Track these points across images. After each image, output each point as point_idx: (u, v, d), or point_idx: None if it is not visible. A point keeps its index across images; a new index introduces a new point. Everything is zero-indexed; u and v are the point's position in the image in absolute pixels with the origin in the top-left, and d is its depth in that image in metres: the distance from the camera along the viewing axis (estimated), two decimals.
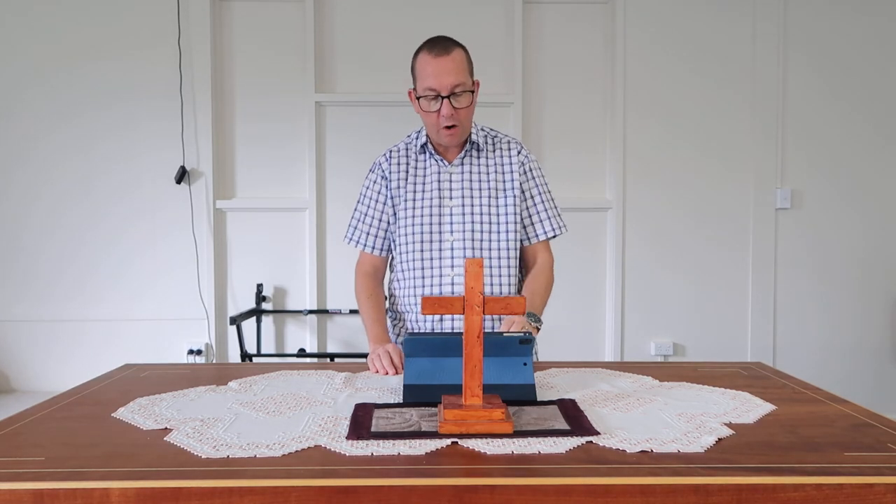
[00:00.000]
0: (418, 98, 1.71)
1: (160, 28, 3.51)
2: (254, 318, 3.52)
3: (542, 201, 1.81)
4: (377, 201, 1.82)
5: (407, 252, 1.76)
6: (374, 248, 1.83)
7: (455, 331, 1.73)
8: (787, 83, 3.60)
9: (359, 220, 1.84)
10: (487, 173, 1.78)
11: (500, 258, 1.75)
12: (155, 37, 3.52)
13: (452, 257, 1.73)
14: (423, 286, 1.75)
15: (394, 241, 1.81)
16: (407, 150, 1.83)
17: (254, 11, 3.56)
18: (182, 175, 3.49)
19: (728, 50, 3.60)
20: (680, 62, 3.60)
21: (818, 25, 3.60)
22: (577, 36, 3.62)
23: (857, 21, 3.61)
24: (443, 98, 1.65)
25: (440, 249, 1.74)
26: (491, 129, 1.86)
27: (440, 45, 1.68)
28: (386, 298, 3.63)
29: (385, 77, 3.57)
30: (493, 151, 1.80)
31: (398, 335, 1.84)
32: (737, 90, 3.61)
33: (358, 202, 1.86)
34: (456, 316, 1.70)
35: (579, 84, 3.63)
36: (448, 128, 1.68)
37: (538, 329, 1.66)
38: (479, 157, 1.79)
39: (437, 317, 1.72)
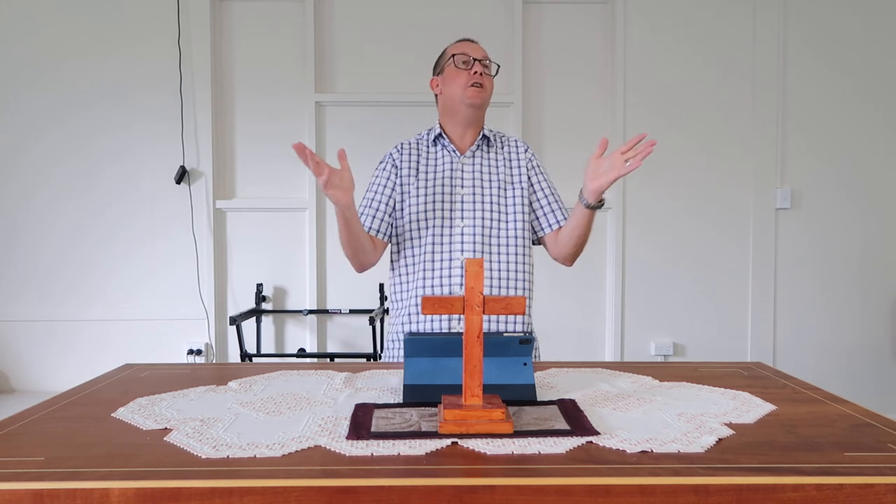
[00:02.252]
0: (451, 59, 1.82)
1: (160, 28, 3.51)
2: (254, 318, 3.52)
3: (553, 193, 1.91)
4: (385, 187, 1.86)
5: (418, 239, 1.80)
6: (378, 231, 1.84)
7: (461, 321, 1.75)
8: (787, 83, 3.61)
9: (365, 206, 1.88)
10: (497, 166, 1.86)
11: (507, 246, 1.80)
12: (155, 36, 3.52)
13: (462, 242, 1.78)
14: (433, 269, 1.78)
15: (401, 230, 1.83)
16: (418, 144, 1.90)
17: (254, 11, 3.56)
18: (182, 175, 3.50)
19: (728, 50, 3.60)
20: (680, 62, 3.60)
21: (818, 25, 3.60)
22: (577, 35, 3.62)
23: (858, 20, 3.61)
24: (476, 60, 1.81)
25: (450, 234, 1.78)
26: (498, 131, 1.95)
27: (473, 39, 1.89)
28: (385, 299, 3.63)
29: (385, 77, 3.57)
30: (502, 148, 1.90)
31: (403, 325, 1.83)
32: (737, 90, 3.61)
33: (367, 190, 1.90)
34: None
35: (579, 84, 3.63)
36: (475, 86, 1.79)
37: (601, 202, 1.75)
38: (489, 151, 1.87)
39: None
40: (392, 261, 1.88)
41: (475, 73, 1.78)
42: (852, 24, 3.61)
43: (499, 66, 1.87)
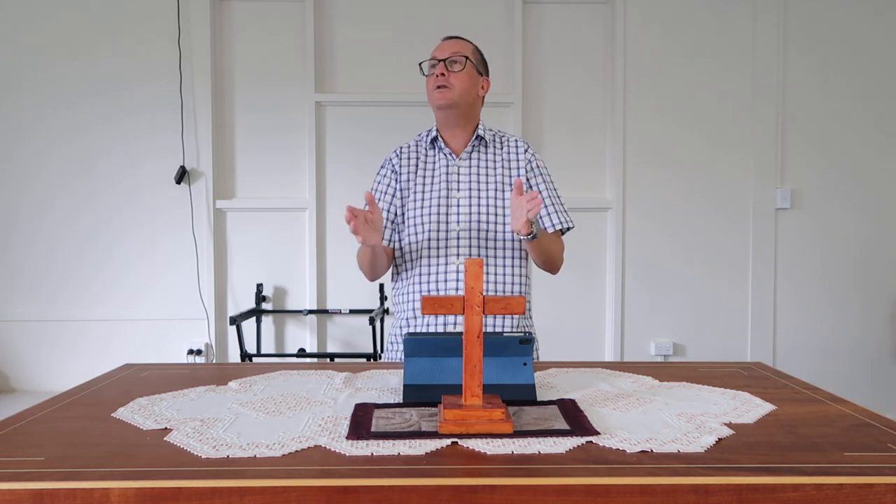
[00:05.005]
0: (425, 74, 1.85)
1: (160, 28, 3.51)
2: (254, 318, 3.52)
3: (549, 195, 1.86)
4: (386, 193, 1.86)
5: (415, 242, 1.80)
6: (381, 238, 1.84)
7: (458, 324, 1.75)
8: (787, 83, 3.60)
9: None
10: (494, 167, 1.84)
11: (503, 249, 1.80)
12: (155, 36, 3.52)
13: (458, 246, 1.78)
14: (429, 273, 1.78)
15: (401, 233, 1.84)
16: (417, 146, 1.90)
17: (254, 11, 3.56)
18: (182, 175, 3.50)
19: (728, 50, 3.60)
20: (680, 62, 3.60)
21: (818, 24, 3.60)
22: (577, 35, 3.62)
23: (858, 20, 3.61)
24: (439, 61, 1.79)
25: (446, 238, 1.78)
26: (499, 130, 1.93)
27: (452, 35, 1.89)
28: (385, 299, 3.62)
29: (385, 77, 3.57)
30: (501, 148, 1.87)
31: (402, 327, 1.84)
32: (737, 90, 3.61)
33: None
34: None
35: (579, 84, 3.63)
36: (439, 88, 1.78)
37: (533, 233, 1.63)
38: (485, 152, 1.86)
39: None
40: (395, 264, 1.89)
41: (436, 75, 1.78)
42: (852, 23, 3.61)
43: (469, 59, 1.79)
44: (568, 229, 1.87)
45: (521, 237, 1.68)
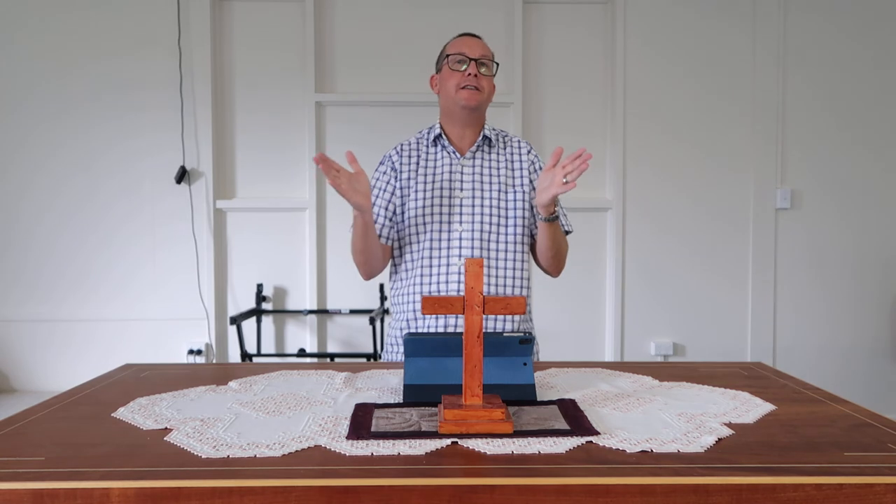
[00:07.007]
0: (446, 59, 1.79)
1: (160, 28, 3.51)
2: (254, 318, 3.52)
3: None
4: (385, 191, 1.84)
5: (416, 242, 1.78)
6: (379, 235, 1.83)
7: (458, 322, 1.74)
8: (786, 83, 3.61)
9: None
10: (498, 168, 1.82)
11: (506, 251, 1.78)
12: (155, 37, 3.52)
13: (460, 247, 1.76)
14: (430, 274, 1.76)
15: (400, 232, 1.82)
16: (418, 144, 1.87)
17: (254, 11, 3.57)
18: (182, 175, 3.50)
19: (728, 50, 3.60)
20: (680, 63, 3.60)
21: (817, 26, 3.60)
22: (577, 36, 3.62)
23: (856, 22, 3.61)
24: (471, 60, 1.75)
25: (448, 239, 1.76)
26: (501, 130, 1.92)
27: (471, 32, 1.85)
28: (385, 299, 3.63)
29: (385, 77, 3.58)
30: (504, 148, 1.86)
31: (401, 329, 1.83)
32: (737, 90, 3.61)
33: None
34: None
35: (579, 84, 3.63)
36: (469, 88, 1.75)
37: (554, 214, 1.68)
38: (490, 153, 1.84)
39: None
40: (394, 263, 1.87)
41: (468, 74, 1.74)
42: (851, 23, 3.61)
43: (498, 65, 1.82)
44: (569, 233, 1.86)
45: (541, 217, 1.68)
